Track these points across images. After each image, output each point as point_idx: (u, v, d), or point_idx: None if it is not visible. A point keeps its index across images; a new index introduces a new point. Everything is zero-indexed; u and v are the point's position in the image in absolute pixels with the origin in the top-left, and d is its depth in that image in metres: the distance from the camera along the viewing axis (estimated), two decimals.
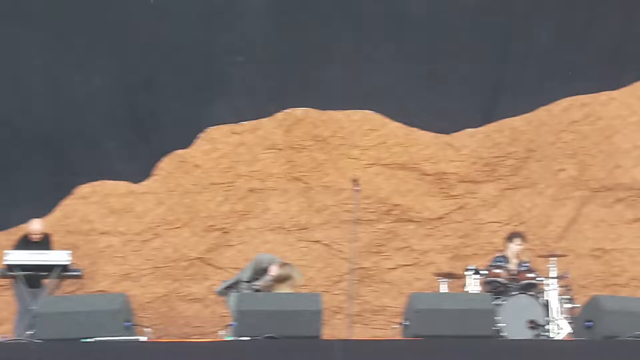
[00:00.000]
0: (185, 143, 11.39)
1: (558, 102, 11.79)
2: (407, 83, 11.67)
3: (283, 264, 9.30)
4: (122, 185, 11.26)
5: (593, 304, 8.26)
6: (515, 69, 11.82)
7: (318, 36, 11.64)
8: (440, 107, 11.69)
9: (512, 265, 10.30)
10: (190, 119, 11.43)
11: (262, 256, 9.58)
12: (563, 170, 11.78)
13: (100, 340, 7.39)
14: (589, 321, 8.10)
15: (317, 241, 11.53)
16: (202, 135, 11.47)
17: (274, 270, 9.14)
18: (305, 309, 7.78)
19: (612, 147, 11.81)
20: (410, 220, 11.63)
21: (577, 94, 11.79)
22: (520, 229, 11.16)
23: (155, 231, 11.25)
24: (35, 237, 9.86)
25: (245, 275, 9.24)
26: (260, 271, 9.26)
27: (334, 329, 10.71)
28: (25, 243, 9.81)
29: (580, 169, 11.80)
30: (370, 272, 11.47)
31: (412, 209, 11.61)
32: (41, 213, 10.57)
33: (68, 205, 11.09)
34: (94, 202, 11.16)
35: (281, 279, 9.21)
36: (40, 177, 11.00)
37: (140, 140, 11.32)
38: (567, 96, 11.77)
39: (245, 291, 9.13)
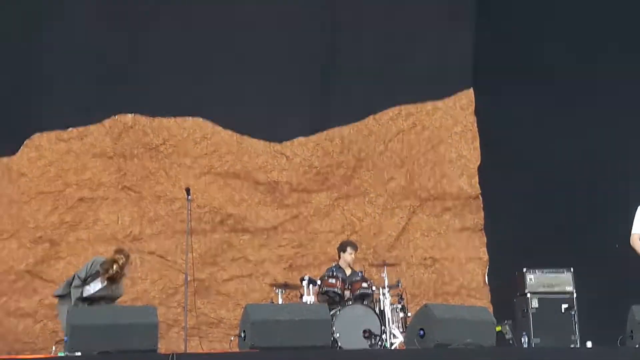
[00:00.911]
0: (10, 151, 12.67)
1: (385, 111, 13.87)
2: (238, 90, 13.35)
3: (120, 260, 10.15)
4: None
5: (424, 313, 9.48)
6: (344, 78, 13.75)
7: (148, 41, 13.20)
8: (270, 115, 13.48)
9: (347, 275, 12.00)
10: (14, 126, 12.66)
11: (99, 258, 10.43)
12: (393, 179, 13.77)
13: None
14: (421, 330, 9.29)
15: (151, 252, 12.93)
16: (27, 142, 12.76)
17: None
18: (140, 322, 8.67)
19: (438, 156, 13.90)
20: (245, 230, 13.24)
21: (404, 103, 13.89)
22: (353, 238, 12.98)
23: None
24: None
25: (82, 274, 10.08)
26: (94, 274, 10.06)
27: (170, 343, 12.07)
28: None
29: (408, 178, 13.80)
30: (205, 284, 12.95)
31: (246, 218, 13.25)
32: None
33: None
34: None
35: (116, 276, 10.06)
36: None
37: None
38: (394, 105, 13.88)
39: (78, 289, 9.92)
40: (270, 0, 13.90)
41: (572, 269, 12.59)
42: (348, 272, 12.23)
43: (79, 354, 8.40)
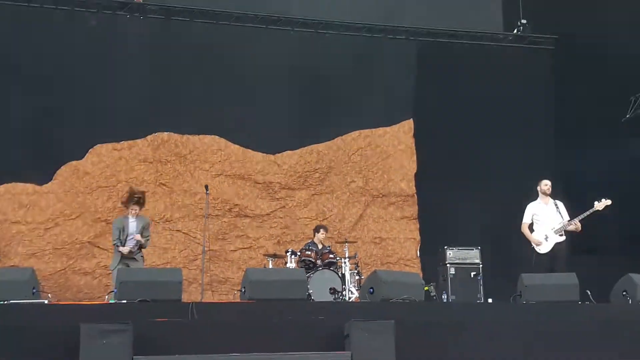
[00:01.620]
0: (79, 156, 12.63)
1: (349, 134, 13.91)
2: (244, 116, 13.32)
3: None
4: (29, 187, 12.31)
5: (374, 276, 9.18)
6: (321, 110, 13.68)
7: (179, 79, 13.11)
8: (267, 135, 13.42)
9: (319, 249, 11.91)
10: (82, 137, 12.62)
11: (115, 220, 10.72)
12: (353, 182, 13.81)
13: (14, 303, 7.94)
14: (371, 288, 8.99)
15: (178, 230, 12.86)
16: (91, 150, 12.71)
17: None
18: (169, 279, 8.44)
19: (387, 166, 13.96)
20: (246, 216, 13.20)
21: (363, 128, 13.95)
22: (324, 223, 12.96)
23: (55, 221, 12.34)
24: None
25: (114, 237, 10.40)
26: (119, 231, 10.34)
27: (190, 295, 11.90)
28: None
29: (365, 181, 13.83)
30: (217, 253, 12.89)
31: (248, 207, 13.22)
32: None
33: None
34: (7, 199, 12.19)
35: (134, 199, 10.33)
36: None
37: (44, 153, 12.35)
38: (356, 129, 13.94)
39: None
40: (271, 53, 13.67)
41: (479, 247, 12.47)
42: (320, 246, 12.04)
43: (124, 301, 8.18)
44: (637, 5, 13.11)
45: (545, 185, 10.99)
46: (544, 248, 10.78)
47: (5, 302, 7.85)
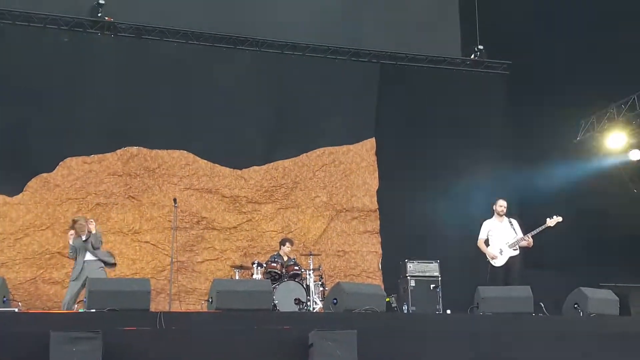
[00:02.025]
0: (49, 168, 12.47)
1: (314, 151, 13.89)
2: (212, 133, 13.24)
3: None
4: (0, 198, 12.19)
5: (337, 288, 9.14)
6: (287, 127, 13.77)
7: (149, 96, 13.02)
8: (234, 151, 13.36)
9: (284, 261, 11.77)
10: (53, 151, 12.46)
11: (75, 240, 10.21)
12: (318, 197, 13.77)
13: None
14: (335, 299, 8.93)
15: (146, 242, 12.69)
16: (61, 163, 12.53)
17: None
18: (138, 289, 8.30)
19: (350, 182, 13.99)
20: (214, 228, 13.09)
21: (327, 145, 13.98)
22: (289, 236, 12.84)
23: (25, 232, 12.18)
24: None
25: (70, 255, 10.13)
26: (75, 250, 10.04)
27: (158, 305, 11.86)
28: None
29: (329, 196, 13.84)
30: (185, 264, 12.81)
31: (215, 220, 13.12)
32: None
33: None
34: None
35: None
36: None
37: (15, 165, 12.23)
38: (320, 147, 13.95)
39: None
40: (238, 72, 13.76)
41: (438, 261, 12.50)
42: (285, 259, 11.97)
43: (94, 310, 8.05)
44: (587, 33, 13.33)
45: (501, 206, 11.14)
46: (498, 261, 10.90)
47: None
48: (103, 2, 12.85)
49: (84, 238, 10.11)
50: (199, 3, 13.69)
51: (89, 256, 10.10)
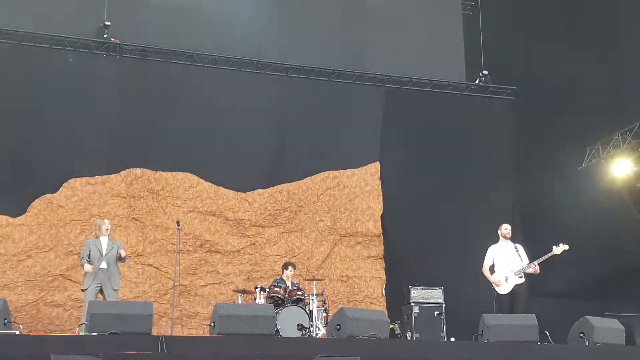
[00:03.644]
0: (53, 189, 12.41)
1: (318, 174, 13.86)
2: (217, 155, 13.23)
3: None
4: (3, 219, 12.14)
5: (340, 313, 9.13)
6: (291, 152, 13.76)
7: (153, 117, 13.03)
8: (238, 174, 13.30)
9: (287, 285, 11.67)
10: (57, 172, 12.46)
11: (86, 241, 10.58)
12: (322, 221, 13.76)
13: None
14: (338, 325, 8.95)
15: (149, 265, 12.66)
16: (65, 184, 12.49)
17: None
18: (140, 313, 8.34)
19: (354, 206, 13.93)
20: (217, 252, 13.05)
21: (331, 169, 13.93)
22: (293, 260, 12.71)
23: (28, 253, 12.13)
24: None
25: (82, 258, 10.30)
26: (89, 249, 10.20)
27: (160, 329, 11.80)
28: None
29: (333, 220, 13.79)
30: (187, 288, 12.74)
31: (218, 244, 13.06)
32: None
33: None
34: None
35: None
36: None
37: (18, 186, 12.20)
38: (324, 171, 13.90)
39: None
40: (244, 94, 13.76)
41: (442, 287, 12.51)
42: (288, 283, 11.88)
43: (95, 333, 8.07)
44: (593, 58, 13.39)
45: (506, 229, 11.14)
46: (504, 289, 10.87)
47: None
48: (109, 23, 12.91)
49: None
50: (203, 25, 13.76)
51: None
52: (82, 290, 10.36)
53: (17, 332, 8.38)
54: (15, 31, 12.57)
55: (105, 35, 12.95)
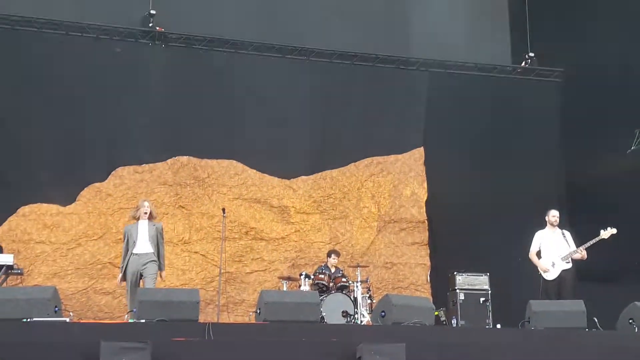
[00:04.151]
0: (101, 178, 12.62)
1: (362, 160, 13.88)
2: (262, 142, 13.35)
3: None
4: (54, 207, 12.32)
5: (385, 300, 9.14)
6: (335, 138, 13.82)
7: (198, 105, 13.10)
8: (283, 161, 13.43)
9: (332, 272, 11.83)
10: (105, 161, 12.66)
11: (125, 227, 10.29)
12: (366, 207, 13.74)
13: (36, 320, 7.86)
14: (383, 312, 8.93)
15: (196, 252, 12.79)
16: (113, 172, 12.69)
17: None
18: (187, 300, 8.38)
19: (398, 192, 13.93)
20: (262, 239, 13.14)
21: (375, 155, 13.94)
22: (337, 247, 12.89)
23: (77, 242, 12.32)
24: None
25: (123, 251, 10.03)
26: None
27: (207, 316, 11.86)
28: None
29: (377, 207, 13.78)
30: (233, 275, 12.83)
31: (263, 231, 13.17)
32: None
33: (13, 221, 12.16)
34: (32, 219, 12.19)
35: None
36: None
37: (68, 175, 12.39)
38: (368, 157, 13.90)
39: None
40: (287, 81, 13.86)
41: (488, 273, 12.41)
42: (332, 270, 11.92)
43: (143, 320, 8.16)
44: None
45: (553, 216, 11.04)
46: (550, 275, 10.80)
47: (28, 320, 7.88)
48: (154, 12, 13.05)
49: None
50: (248, 13, 13.82)
51: None
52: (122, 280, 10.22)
53: (67, 320, 8.45)
54: (62, 22, 12.74)
55: (150, 24, 13.08)
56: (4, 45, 12.48)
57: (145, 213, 10.11)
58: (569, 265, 10.76)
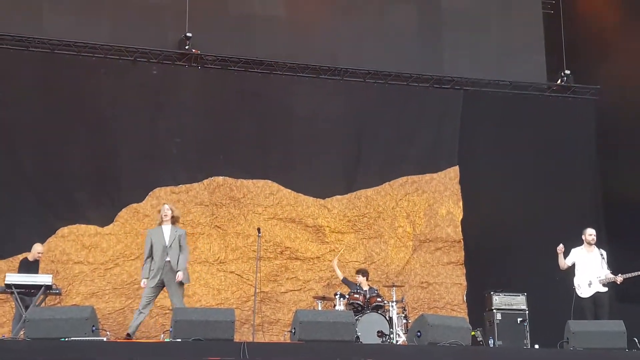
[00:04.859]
0: (139, 199, 12.72)
1: (397, 179, 13.85)
2: (296, 163, 13.53)
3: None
4: (92, 228, 12.46)
5: (421, 320, 9.19)
6: (369, 157, 13.83)
7: (234, 126, 13.29)
8: (317, 180, 13.48)
9: (366, 292, 11.67)
10: (142, 182, 12.77)
11: (148, 231, 10.31)
12: (401, 226, 13.73)
13: (74, 340, 8.05)
14: (419, 332, 8.96)
15: (231, 272, 12.86)
16: (150, 193, 12.78)
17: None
18: (222, 319, 8.53)
19: (433, 211, 13.87)
20: (297, 259, 13.20)
21: (410, 174, 13.90)
22: (372, 267, 12.93)
23: (115, 262, 12.44)
24: (38, 256, 11.15)
25: (145, 254, 10.12)
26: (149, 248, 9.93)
27: (242, 335, 11.91)
28: (25, 264, 11.12)
29: (412, 226, 13.74)
30: (268, 295, 12.90)
31: (298, 250, 13.21)
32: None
33: (52, 242, 12.26)
34: (71, 240, 12.34)
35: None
36: (33, 221, 12.19)
37: (106, 196, 12.60)
38: (403, 176, 13.88)
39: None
40: (321, 101, 13.98)
41: (525, 293, 12.37)
42: (366, 289, 11.86)
43: (179, 340, 8.26)
44: None
45: (590, 235, 11.00)
46: (585, 292, 10.74)
47: (67, 339, 8.02)
48: (190, 35, 13.23)
49: None
50: (282, 34, 14.00)
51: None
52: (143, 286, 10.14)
53: (105, 339, 8.59)
54: (101, 45, 13.00)
55: (186, 47, 13.26)
56: (44, 68, 12.76)
57: (166, 216, 10.05)
58: (605, 289, 10.73)
